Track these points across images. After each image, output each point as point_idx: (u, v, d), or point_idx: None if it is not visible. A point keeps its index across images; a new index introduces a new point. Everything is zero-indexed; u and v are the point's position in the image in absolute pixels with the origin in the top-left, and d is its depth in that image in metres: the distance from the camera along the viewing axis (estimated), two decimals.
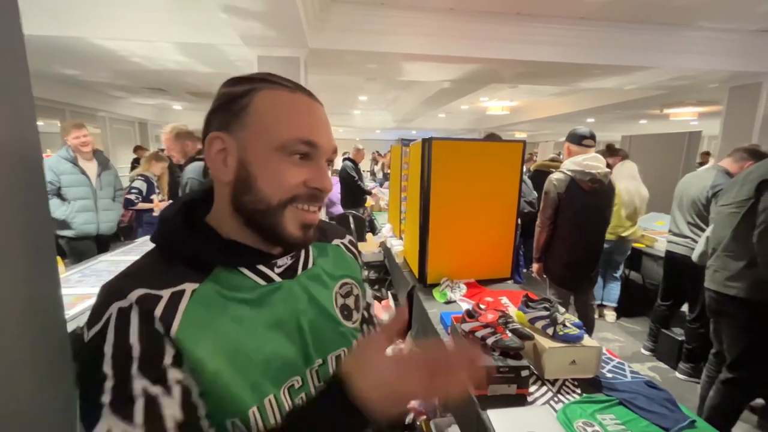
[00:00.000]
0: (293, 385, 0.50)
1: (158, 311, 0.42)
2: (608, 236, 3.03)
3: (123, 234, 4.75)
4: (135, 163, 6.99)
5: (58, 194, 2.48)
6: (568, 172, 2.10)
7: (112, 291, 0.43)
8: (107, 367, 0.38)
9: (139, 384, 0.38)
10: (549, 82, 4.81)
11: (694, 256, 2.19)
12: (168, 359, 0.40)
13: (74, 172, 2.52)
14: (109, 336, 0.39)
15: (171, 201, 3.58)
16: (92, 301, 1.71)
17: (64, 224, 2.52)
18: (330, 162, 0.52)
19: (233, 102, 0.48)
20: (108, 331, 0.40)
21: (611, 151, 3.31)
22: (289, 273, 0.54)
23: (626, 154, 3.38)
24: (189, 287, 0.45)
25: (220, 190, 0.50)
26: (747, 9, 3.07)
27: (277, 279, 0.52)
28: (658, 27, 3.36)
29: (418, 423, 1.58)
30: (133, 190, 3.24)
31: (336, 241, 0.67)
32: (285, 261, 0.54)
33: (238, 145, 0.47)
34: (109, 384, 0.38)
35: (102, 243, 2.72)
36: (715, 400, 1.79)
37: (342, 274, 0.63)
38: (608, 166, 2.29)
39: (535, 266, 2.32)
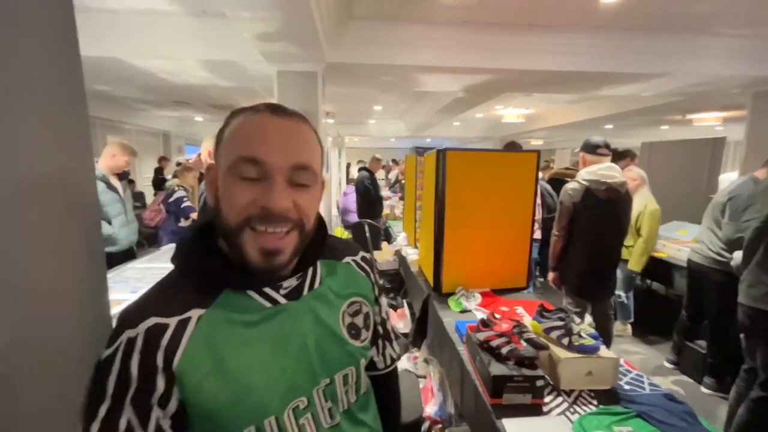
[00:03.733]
0: (298, 405, 0.52)
1: (164, 341, 0.46)
2: (641, 256, 2.89)
3: (148, 242, 4.93)
4: (158, 173, 7.26)
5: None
6: (584, 182, 2.09)
7: (126, 319, 0.48)
8: (109, 388, 0.45)
9: (126, 415, 0.44)
10: (564, 91, 4.78)
11: (733, 263, 2.13)
12: (155, 397, 0.45)
13: (106, 191, 2.57)
14: (116, 363, 0.45)
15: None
16: (122, 307, 1.83)
17: (111, 241, 2.59)
18: (301, 185, 0.50)
19: (219, 135, 0.52)
20: (116, 359, 0.45)
21: (617, 155, 3.23)
22: (294, 294, 0.55)
23: (634, 155, 3.34)
24: (195, 314, 0.48)
25: None
26: (767, 13, 3.01)
27: (283, 301, 0.54)
28: (675, 34, 3.32)
29: None
30: (186, 199, 3.30)
31: (347, 259, 0.66)
32: (291, 282, 0.55)
33: (217, 174, 0.51)
34: (105, 405, 0.44)
35: (128, 252, 2.84)
36: (744, 418, 1.72)
37: (350, 293, 0.62)
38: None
39: (551, 275, 2.31)
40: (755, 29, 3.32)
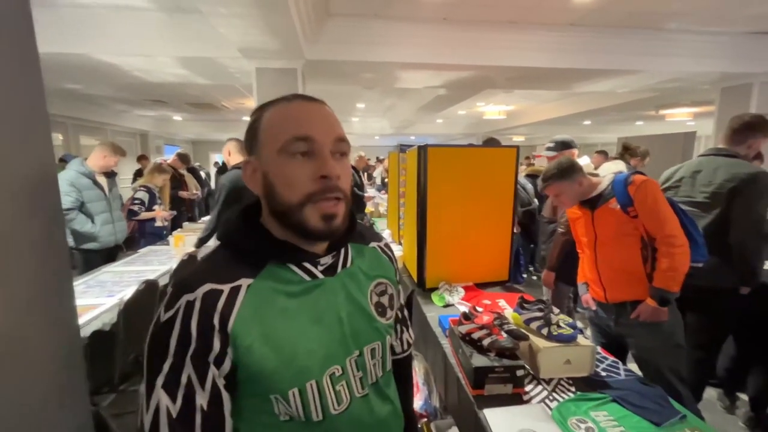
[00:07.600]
0: (334, 373, 0.56)
1: (219, 305, 0.50)
2: None
3: (126, 244, 4.78)
4: (137, 175, 7.03)
5: (81, 209, 2.53)
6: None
7: (183, 285, 0.51)
8: (172, 346, 0.48)
9: (187, 371, 0.48)
10: (542, 87, 4.87)
11: None
12: (212, 356, 0.49)
13: (92, 187, 2.60)
14: (177, 323, 0.49)
15: (173, 211, 3.69)
16: (98, 311, 1.78)
17: (91, 237, 2.58)
18: (342, 153, 0.56)
19: (251, 129, 0.57)
20: (177, 320, 0.49)
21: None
22: (330, 271, 0.60)
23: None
24: (245, 282, 0.53)
25: (262, 201, 0.58)
26: (734, 12, 3.14)
27: (320, 276, 0.58)
28: (647, 31, 3.43)
29: (419, 426, 1.60)
30: (136, 201, 3.30)
31: (373, 244, 0.72)
32: (327, 260, 0.60)
33: (260, 162, 0.55)
34: (168, 362, 0.48)
35: (110, 253, 2.78)
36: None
37: (377, 274, 0.68)
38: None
39: (548, 274, 2.29)
40: (722, 27, 3.46)
